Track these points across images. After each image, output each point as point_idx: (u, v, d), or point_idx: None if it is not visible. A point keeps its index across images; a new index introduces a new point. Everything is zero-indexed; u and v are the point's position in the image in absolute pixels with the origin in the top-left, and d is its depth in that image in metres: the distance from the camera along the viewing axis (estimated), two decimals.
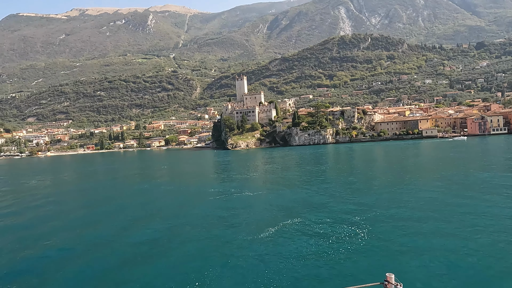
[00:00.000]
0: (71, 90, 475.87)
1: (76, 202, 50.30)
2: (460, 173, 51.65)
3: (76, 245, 28.74)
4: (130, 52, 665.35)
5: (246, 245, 25.93)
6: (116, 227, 33.69)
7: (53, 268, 24.25)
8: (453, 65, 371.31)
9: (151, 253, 25.95)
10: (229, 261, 23.38)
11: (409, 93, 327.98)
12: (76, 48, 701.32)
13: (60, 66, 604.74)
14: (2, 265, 25.20)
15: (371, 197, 38.59)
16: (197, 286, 20.25)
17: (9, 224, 37.81)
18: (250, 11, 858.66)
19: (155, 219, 35.74)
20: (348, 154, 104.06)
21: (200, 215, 35.92)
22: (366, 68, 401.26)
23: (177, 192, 51.83)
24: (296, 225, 29.89)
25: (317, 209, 35.17)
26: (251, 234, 28.42)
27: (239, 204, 39.52)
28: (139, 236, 30.19)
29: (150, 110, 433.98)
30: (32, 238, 31.54)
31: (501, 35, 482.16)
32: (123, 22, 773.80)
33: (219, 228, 30.92)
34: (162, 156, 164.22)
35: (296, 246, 25.14)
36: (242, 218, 33.55)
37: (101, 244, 28.68)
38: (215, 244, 26.94)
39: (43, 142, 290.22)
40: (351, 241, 25.45)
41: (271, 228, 29.21)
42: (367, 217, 30.93)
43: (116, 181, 73.40)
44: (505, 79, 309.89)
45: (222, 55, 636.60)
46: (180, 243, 27.68)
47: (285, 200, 40.46)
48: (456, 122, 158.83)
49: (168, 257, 25.02)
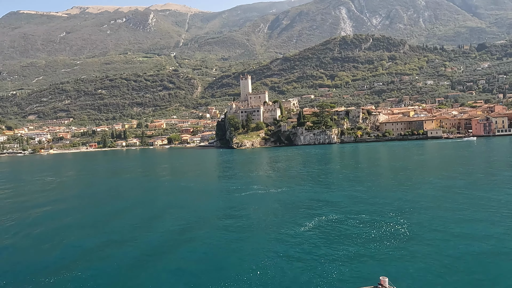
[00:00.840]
0: (72, 88, 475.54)
1: (95, 198, 50.64)
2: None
3: (98, 239, 29.41)
4: (131, 51, 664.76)
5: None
6: (143, 221, 34.24)
7: (83, 258, 24.80)
8: (454, 66, 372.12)
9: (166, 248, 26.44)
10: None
11: (410, 94, 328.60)
12: (76, 46, 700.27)
13: (60, 64, 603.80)
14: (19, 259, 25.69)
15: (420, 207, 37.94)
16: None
17: (34, 219, 38.16)
18: (251, 11, 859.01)
19: (188, 214, 36.14)
20: (365, 154, 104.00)
21: (228, 213, 36.35)
22: (367, 69, 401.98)
23: (200, 191, 52.17)
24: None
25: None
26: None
27: (255, 201, 39.98)
28: (161, 229, 31.13)
29: (151, 109, 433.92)
30: (56, 232, 31.95)
31: (502, 36, 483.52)
32: (124, 21, 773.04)
33: (226, 221, 31.39)
34: (167, 154, 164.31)
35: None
36: (256, 215, 33.96)
37: (130, 235, 29.71)
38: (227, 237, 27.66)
39: (45, 140, 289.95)
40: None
41: (281, 228, 29.20)
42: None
43: (139, 179, 73.71)
44: (506, 80, 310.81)
45: (222, 54, 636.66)
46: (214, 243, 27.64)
47: (303, 197, 40.89)
48: (461, 123, 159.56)
49: (192, 250, 25.56)
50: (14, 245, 29.05)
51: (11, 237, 31.48)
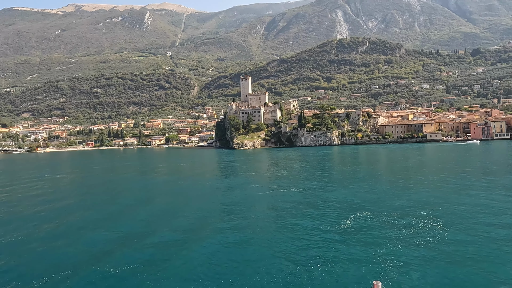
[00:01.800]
0: (67, 86, 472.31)
1: (107, 195, 50.86)
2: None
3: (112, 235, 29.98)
4: (127, 50, 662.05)
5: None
6: (157, 218, 34.64)
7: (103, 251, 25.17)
8: (449, 70, 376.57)
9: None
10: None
11: (406, 97, 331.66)
12: (71, 44, 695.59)
13: (55, 62, 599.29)
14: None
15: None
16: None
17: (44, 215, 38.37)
18: (247, 12, 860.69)
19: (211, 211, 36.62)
20: (376, 156, 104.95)
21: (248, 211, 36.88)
22: (364, 72, 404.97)
23: (217, 190, 52.62)
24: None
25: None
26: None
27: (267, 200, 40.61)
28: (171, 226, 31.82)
29: (147, 108, 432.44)
30: (73, 227, 32.30)
31: (496, 42, 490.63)
32: (120, 19, 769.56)
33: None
34: (167, 154, 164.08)
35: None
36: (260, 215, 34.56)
37: (145, 230, 30.68)
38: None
39: (41, 138, 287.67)
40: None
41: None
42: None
43: (144, 177, 73.84)
44: (500, 85, 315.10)
45: (219, 55, 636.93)
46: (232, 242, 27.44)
47: (310, 196, 41.57)
48: (459, 126, 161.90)
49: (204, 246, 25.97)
50: (23, 242, 29.13)
51: (22, 233, 31.67)
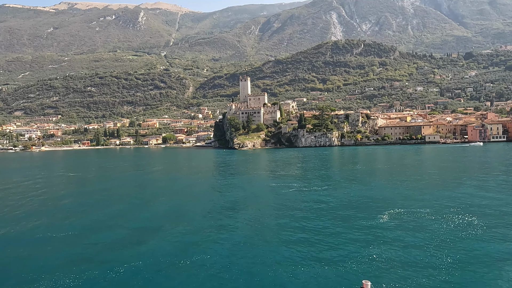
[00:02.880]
0: (61, 84, 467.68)
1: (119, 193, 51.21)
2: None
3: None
4: (120, 49, 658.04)
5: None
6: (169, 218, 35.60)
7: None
8: (443, 73, 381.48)
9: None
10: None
11: (401, 99, 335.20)
12: (64, 42, 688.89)
13: (48, 60, 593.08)
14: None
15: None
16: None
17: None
18: (241, 12, 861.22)
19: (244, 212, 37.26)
20: (374, 156, 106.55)
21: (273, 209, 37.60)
22: (358, 74, 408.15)
23: (241, 189, 53.18)
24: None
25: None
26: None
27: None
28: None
29: (142, 108, 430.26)
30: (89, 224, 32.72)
31: (487, 46, 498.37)
32: (113, 18, 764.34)
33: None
34: (167, 154, 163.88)
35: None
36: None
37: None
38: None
39: (35, 137, 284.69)
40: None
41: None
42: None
43: (155, 177, 74.10)
44: (493, 89, 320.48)
45: (213, 55, 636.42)
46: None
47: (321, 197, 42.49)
48: (456, 128, 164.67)
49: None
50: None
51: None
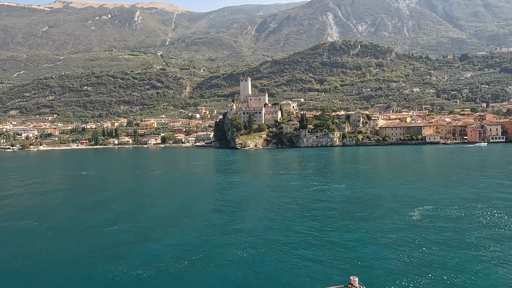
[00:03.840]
0: (56, 83, 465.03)
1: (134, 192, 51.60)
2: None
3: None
4: (116, 48, 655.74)
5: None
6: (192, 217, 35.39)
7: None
8: (439, 75, 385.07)
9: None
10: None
11: (398, 100, 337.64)
12: (59, 41, 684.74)
13: (43, 59, 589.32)
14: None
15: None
16: None
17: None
18: (238, 12, 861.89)
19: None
20: (379, 156, 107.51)
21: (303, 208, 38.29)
22: (355, 74, 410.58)
23: (271, 189, 53.75)
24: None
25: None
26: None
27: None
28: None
29: (139, 108, 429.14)
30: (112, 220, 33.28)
31: (482, 48, 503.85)
32: (109, 17, 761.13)
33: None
34: (169, 153, 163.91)
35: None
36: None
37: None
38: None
39: (32, 136, 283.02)
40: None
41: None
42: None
43: (165, 177, 74.45)
44: (488, 90, 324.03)
45: (210, 55, 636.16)
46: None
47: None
48: (456, 129, 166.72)
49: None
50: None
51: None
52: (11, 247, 27.17)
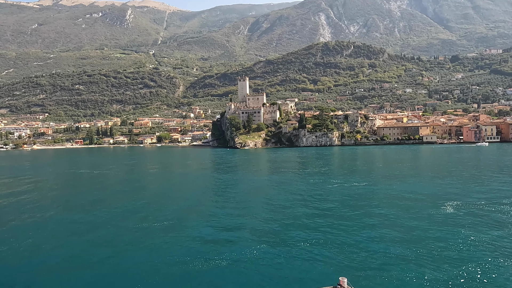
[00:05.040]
0: (47, 82, 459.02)
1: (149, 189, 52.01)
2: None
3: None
4: (107, 47, 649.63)
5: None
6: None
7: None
8: (430, 76, 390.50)
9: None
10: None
11: (391, 100, 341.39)
12: (49, 39, 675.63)
13: (32, 57, 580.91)
14: None
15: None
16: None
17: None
18: (230, 12, 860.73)
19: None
20: (382, 156, 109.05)
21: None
22: (349, 75, 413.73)
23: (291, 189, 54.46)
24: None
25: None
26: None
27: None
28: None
29: (132, 107, 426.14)
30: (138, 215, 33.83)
31: (471, 49, 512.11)
32: (100, 15, 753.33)
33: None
34: (168, 153, 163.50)
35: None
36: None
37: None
38: None
39: (25, 135, 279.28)
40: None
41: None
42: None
43: (176, 178, 74.73)
44: (479, 91, 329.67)
45: (202, 54, 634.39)
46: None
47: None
48: (452, 129, 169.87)
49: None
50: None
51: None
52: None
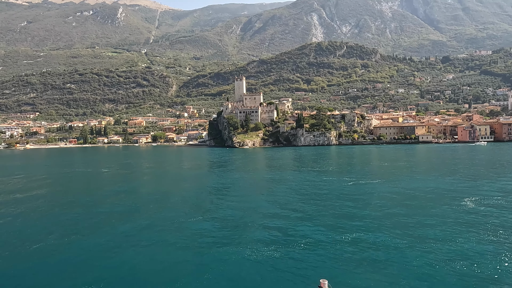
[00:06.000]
0: (38, 81, 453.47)
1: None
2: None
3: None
4: (99, 45, 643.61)
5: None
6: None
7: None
8: (422, 76, 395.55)
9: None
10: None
11: (384, 100, 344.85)
12: (39, 37, 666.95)
13: (22, 55, 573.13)
14: None
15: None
16: None
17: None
18: (222, 11, 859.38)
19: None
20: (383, 155, 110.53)
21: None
22: (342, 75, 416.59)
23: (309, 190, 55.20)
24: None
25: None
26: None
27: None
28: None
29: (124, 106, 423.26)
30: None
31: (461, 50, 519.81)
32: (91, 13, 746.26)
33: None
34: (166, 152, 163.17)
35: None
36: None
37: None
38: None
39: (17, 134, 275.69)
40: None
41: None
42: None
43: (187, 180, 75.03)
44: (470, 92, 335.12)
45: (194, 53, 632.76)
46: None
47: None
48: (446, 129, 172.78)
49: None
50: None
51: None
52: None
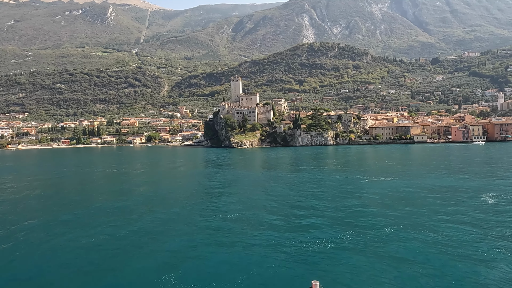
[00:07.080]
0: (27, 80, 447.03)
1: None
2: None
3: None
4: (88, 45, 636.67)
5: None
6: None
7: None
8: (412, 77, 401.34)
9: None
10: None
11: (375, 101, 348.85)
12: (26, 36, 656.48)
13: (9, 54, 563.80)
14: None
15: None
16: None
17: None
18: (213, 11, 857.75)
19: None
20: (384, 154, 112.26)
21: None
22: (334, 76, 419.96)
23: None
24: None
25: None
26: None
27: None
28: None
29: (116, 106, 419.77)
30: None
31: (450, 52, 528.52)
32: (80, 13, 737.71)
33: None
34: (164, 153, 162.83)
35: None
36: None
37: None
38: None
39: (8, 135, 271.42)
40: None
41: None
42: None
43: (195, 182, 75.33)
44: (459, 93, 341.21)
45: (186, 54, 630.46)
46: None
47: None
48: (440, 129, 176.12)
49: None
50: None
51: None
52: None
